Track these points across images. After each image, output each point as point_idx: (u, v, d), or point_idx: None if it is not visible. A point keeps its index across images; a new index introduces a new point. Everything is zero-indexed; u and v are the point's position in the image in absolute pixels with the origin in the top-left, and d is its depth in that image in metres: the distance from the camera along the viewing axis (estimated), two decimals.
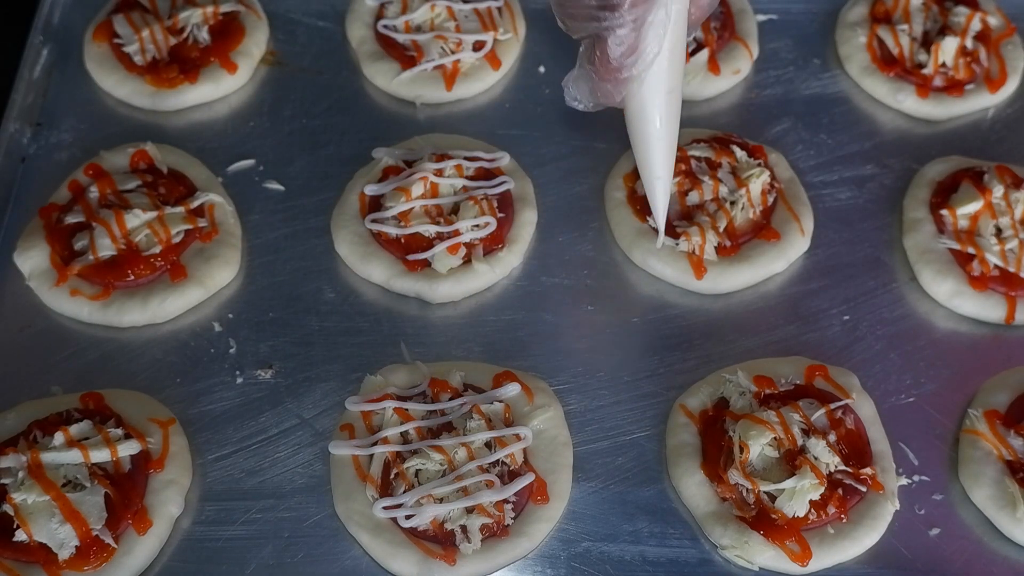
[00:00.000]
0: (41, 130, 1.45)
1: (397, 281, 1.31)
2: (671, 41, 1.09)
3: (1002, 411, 1.22)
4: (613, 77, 1.09)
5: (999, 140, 1.49)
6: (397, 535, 1.12)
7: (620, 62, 1.07)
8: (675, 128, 1.18)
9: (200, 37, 1.48)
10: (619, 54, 1.06)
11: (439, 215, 1.33)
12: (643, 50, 1.07)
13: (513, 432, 1.16)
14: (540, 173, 1.42)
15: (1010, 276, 1.31)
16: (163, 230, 1.29)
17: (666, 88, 1.13)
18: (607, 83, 1.10)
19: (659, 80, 1.12)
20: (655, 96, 1.13)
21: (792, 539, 1.12)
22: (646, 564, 1.14)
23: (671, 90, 1.14)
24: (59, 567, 1.07)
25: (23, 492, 1.07)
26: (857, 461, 1.16)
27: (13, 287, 1.30)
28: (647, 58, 1.08)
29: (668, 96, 1.14)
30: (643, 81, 1.11)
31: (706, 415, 1.21)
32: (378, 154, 1.39)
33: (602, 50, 1.07)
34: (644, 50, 1.07)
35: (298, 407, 1.23)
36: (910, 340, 1.30)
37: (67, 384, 1.23)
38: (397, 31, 1.50)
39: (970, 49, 1.51)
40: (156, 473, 1.15)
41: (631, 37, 1.05)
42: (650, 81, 1.12)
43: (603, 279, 1.34)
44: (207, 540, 1.14)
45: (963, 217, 1.35)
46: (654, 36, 1.06)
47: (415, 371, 1.23)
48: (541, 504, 1.14)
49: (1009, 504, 1.15)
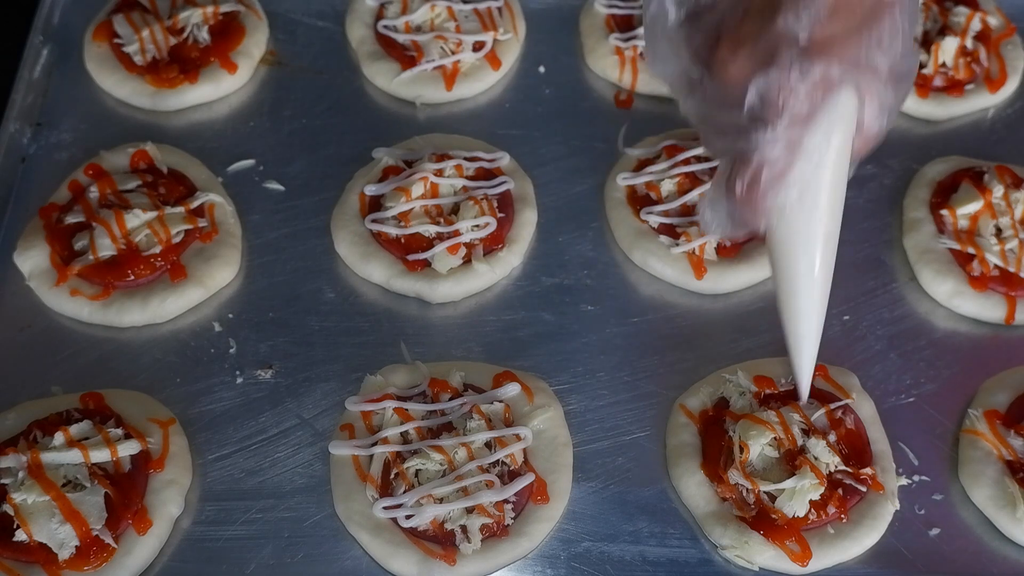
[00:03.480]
0: (41, 130, 1.45)
1: (397, 281, 1.31)
2: (831, 175, 0.94)
3: (1002, 411, 1.22)
4: (755, 202, 0.92)
5: (999, 140, 1.49)
6: (397, 535, 1.12)
7: (766, 186, 0.90)
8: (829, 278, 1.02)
9: (200, 37, 1.48)
10: (766, 177, 0.90)
11: (439, 215, 1.33)
12: (793, 176, 0.91)
13: (513, 432, 1.16)
14: (540, 173, 1.42)
15: (1010, 276, 1.31)
16: (163, 230, 1.29)
17: (823, 230, 0.97)
18: (747, 208, 0.93)
19: (812, 219, 0.96)
20: (806, 237, 0.97)
21: (792, 539, 1.12)
22: (646, 564, 1.14)
23: (828, 234, 0.98)
24: (59, 567, 1.07)
25: (23, 492, 1.07)
26: (857, 461, 1.16)
27: (13, 287, 1.30)
28: (797, 185, 0.92)
29: (824, 240, 0.98)
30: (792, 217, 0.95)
31: (706, 415, 1.21)
32: (378, 154, 1.39)
33: (746, 170, 0.91)
34: (794, 176, 0.91)
35: (298, 407, 1.23)
36: (910, 340, 1.30)
37: (67, 384, 1.23)
38: (397, 31, 1.50)
39: (970, 49, 1.51)
40: (156, 473, 1.15)
41: (782, 160, 0.89)
42: (802, 218, 0.96)
43: (603, 279, 1.34)
44: (207, 540, 1.14)
45: (963, 217, 1.35)
46: (807, 162, 0.90)
47: (415, 371, 1.23)
48: (541, 504, 1.14)
49: (1009, 504, 1.15)
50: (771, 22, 0.83)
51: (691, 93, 0.93)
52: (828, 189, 0.95)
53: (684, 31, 0.89)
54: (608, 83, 1.52)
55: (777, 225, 0.97)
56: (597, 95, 1.51)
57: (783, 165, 0.90)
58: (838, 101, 0.89)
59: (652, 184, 1.36)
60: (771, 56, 0.84)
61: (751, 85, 0.86)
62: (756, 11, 0.85)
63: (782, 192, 0.91)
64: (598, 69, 1.52)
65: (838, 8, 0.83)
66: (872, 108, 0.91)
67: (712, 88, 0.89)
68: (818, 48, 0.84)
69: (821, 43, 0.84)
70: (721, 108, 0.89)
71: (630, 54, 1.49)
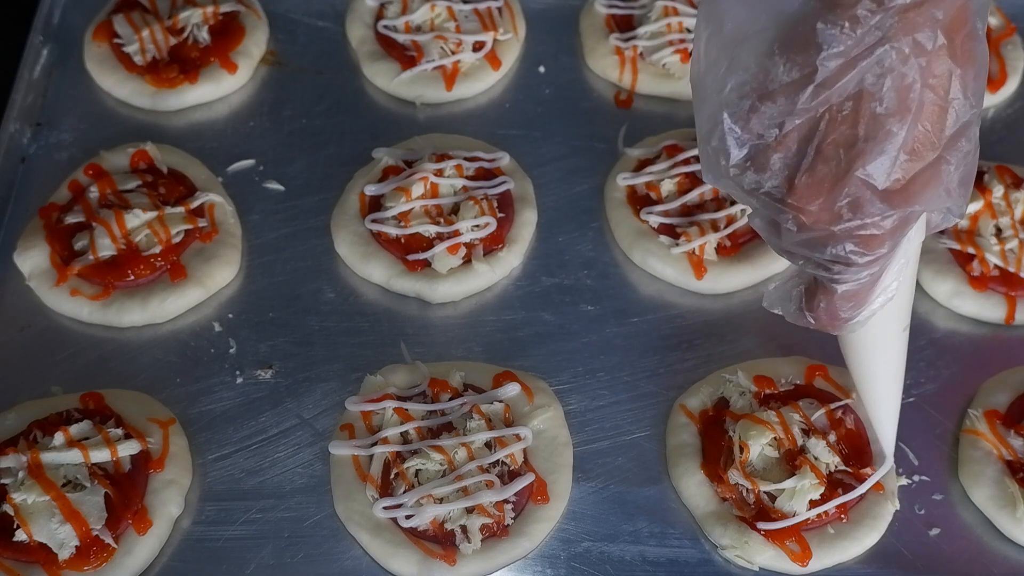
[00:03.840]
0: (41, 130, 1.45)
1: (397, 281, 1.31)
2: (908, 280, 0.94)
3: (1002, 411, 1.22)
4: (835, 322, 0.93)
5: (999, 140, 1.49)
6: (397, 535, 1.12)
7: (848, 312, 0.91)
8: (903, 364, 1.05)
9: (200, 37, 1.48)
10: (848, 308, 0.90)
11: (439, 215, 1.33)
12: (873, 300, 0.90)
13: (513, 432, 1.16)
14: (540, 173, 1.42)
15: (1010, 276, 1.31)
16: (163, 230, 1.29)
17: (897, 329, 0.99)
18: (826, 324, 0.93)
19: (887, 325, 0.97)
20: (883, 340, 0.99)
21: (792, 539, 1.12)
22: (646, 564, 1.14)
23: (903, 328, 1.00)
24: (59, 567, 1.07)
25: (23, 492, 1.07)
26: (857, 461, 1.16)
27: (13, 287, 1.30)
28: (876, 308, 0.91)
29: (898, 336, 1.00)
30: (869, 326, 0.95)
31: (706, 415, 1.21)
32: (378, 154, 1.39)
33: (827, 298, 0.90)
34: (874, 300, 0.90)
35: (298, 407, 1.23)
36: (910, 340, 1.30)
37: (67, 384, 1.23)
38: (397, 31, 1.50)
39: None
40: (156, 473, 1.15)
41: (864, 290, 0.89)
42: (878, 326, 0.96)
43: (603, 279, 1.34)
44: (207, 540, 1.14)
45: (963, 217, 1.35)
46: (889, 288, 0.90)
47: (415, 371, 1.23)
48: (541, 504, 1.14)
49: (1009, 504, 1.15)
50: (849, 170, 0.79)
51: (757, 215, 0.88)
52: (903, 294, 0.95)
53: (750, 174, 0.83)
54: (608, 83, 1.52)
55: (871, 324, 0.96)
56: (597, 95, 1.51)
57: (864, 295, 0.89)
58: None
59: (652, 184, 1.36)
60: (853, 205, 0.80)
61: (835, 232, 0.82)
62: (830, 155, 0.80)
63: (864, 314, 0.91)
64: (598, 69, 1.52)
65: (916, 148, 0.79)
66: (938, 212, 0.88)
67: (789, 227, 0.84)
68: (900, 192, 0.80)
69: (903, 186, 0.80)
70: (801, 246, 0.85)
71: (630, 54, 1.49)
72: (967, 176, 0.85)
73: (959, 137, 0.82)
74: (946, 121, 0.81)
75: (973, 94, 0.82)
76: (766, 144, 0.82)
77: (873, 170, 0.79)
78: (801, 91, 0.79)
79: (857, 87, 0.78)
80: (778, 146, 0.81)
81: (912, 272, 0.96)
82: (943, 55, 0.79)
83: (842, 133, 0.79)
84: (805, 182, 0.81)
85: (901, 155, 0.79)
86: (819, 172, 0.80)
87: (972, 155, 0.85)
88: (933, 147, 0.81)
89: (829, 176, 0.80)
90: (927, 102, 0.79)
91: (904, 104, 0.78)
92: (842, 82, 0.78)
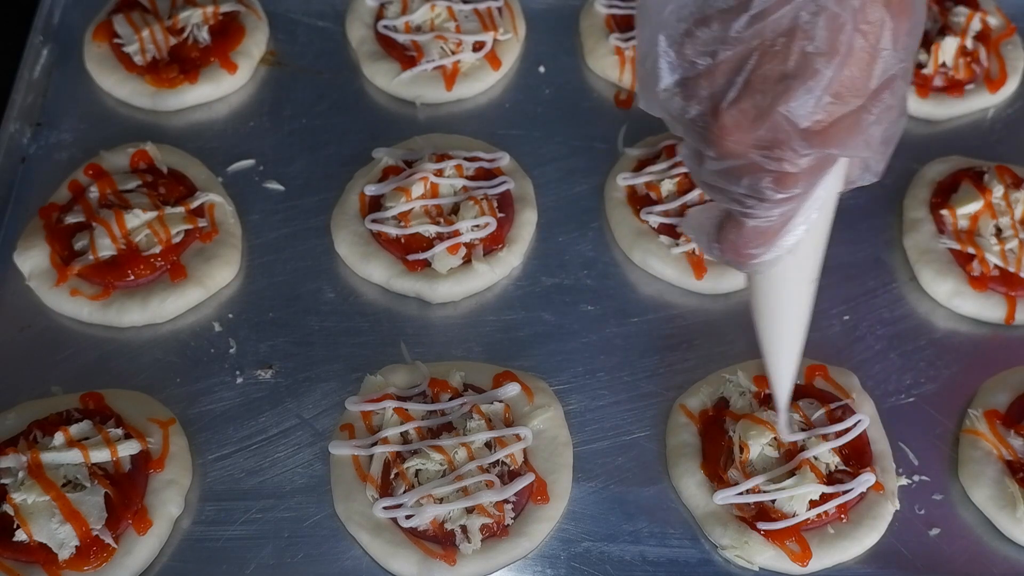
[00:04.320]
0: (41, 130, 1.45)
1: (397, 281, 1.31)
2: (816, 232, 0.94)
3: (1002, 411, 1.22)
4: (743, 258, 0.93)
5: (999, 140, 1.49)
6: (397, 535, 1.12)
7: (756, 250, 0.91)
8: (808, 317, 1.03)
9: (200, 37, 1.48)
10: (757, 242, 0.90)
11: (439, 215, 1.33)
12: (781, 244, 0.91)
13: (513, 432, 1.16)
14: (540, 173, 1.42)
15: (1010, 276, 1.31)
16: (163, 230, 1.29)
17: (806, 278, 0.99)
18: (734, 259, 0.93)
19: (795, 272, 0.97)
20: (789, 286, 0.99)
21: (792, 539, 1.12)
22: (646, 564, 1.14)
23: (810, 280, 0.99)
24: (59, 567, 1.07)
25: (23, 492, 1.07)
26: (857, 461, 1.16)
27: (13, 287, 1.30)
28: (782, 251, 0.91)
29: (806, 286, 1.00)
30: (777, 270, 0.95)
31: (706, 415, 1.21)
32: (378, 154, 1.39)
33: (736, 231, 0.90)
34: (782, 244, 0.91)
35: (298, 407, 1.23)
36: (910, 340, 1.30)
37: (67, 384, 1.23)
38: (397, 31, 1.50)
39: (970, 49, 1.51)
40: (156, 473, 1.15)
41: (774, 229, 0.89)
42: (786, 272, 0.97)
43: (603, 279, 1.34)
44: (207, 540, 1.14)
45: (963, 217, 1.35)
46: (797, 230, 0.90)
47: (415, 371, 1.23)
48: (541, 504, 1.14)
49: (1009, 504, 1.15)
50: (773, 104, 0.80)
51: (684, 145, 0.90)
52: (812, 243, 0.95)
53: (678, 100, 0.84)
54: (608, 83, 1.52)
55: (759, 273, 0.98)
56: (597, 95, 1.51)
57: (773, 234, 0.90)
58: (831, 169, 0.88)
59: (652, 184, 1.36)
60: (772, 139, 0.81)
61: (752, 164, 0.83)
62: (757, 88, 0.80)
63: (771, 254, 0.92)
64: (598, 69, 1.52)
65: (842, 92, 0.80)
66: (856, 166, 0.90)
67: (709, 157, 0.85)
68: (820, 134, 0.81)
69: (824, 128, 0.81)
70: (717, 176, 0.86)
71: (630, 54, 1.49)
72: (890, 136, 0.87)
73: (884, 89, 0.83)
74: (873, 70, 0.81)
75: (904, 48, 0.82)
76: (697, 72, 0.82)
77: (796, 108, 0.80)
78: (736, 19, 0.79)
79: (791, 23, 0.79)
80: (708, 75, 0.82)
81: (825, 225, 0.96)
82: (878, 3, 0.80)
83: (771, 68, 0.80)
84: (729, 113, 0.82)
85: (825, 96, 0.80)
86: (744, 104, 0.81)
87: (896, 113, 0.85)
88: (858, 94, 0.82)
89: (753, 109, 0.81)
90: (857, 47, 0.80)
91: (833, 45, 0.79)
92: (777, 15, 0.79)
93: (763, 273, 0.97)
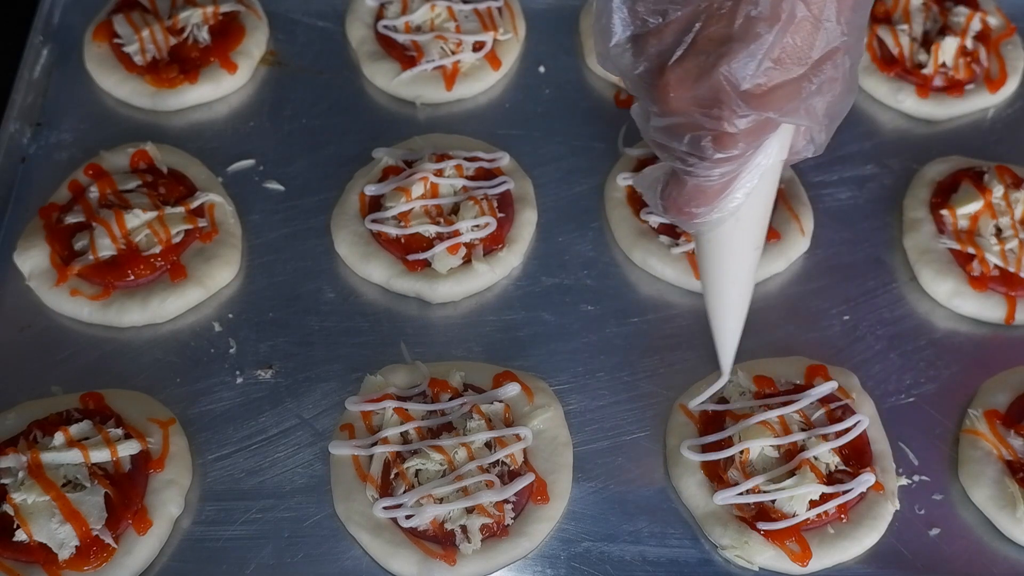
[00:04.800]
0: (41, 130, 1.45)
1: (397, 281, 1.31)
2: (759, 197, 0.95)
3: (1002, 411, 1.22)
4: (684, 216, 0.95)
5: (999, 140, 1.49)
6: (397, 535, 1.12)
7: (697, 210, 0.93)
8: (751, 281, 1.06)
9: (200, 37, 1.48)
10: (697, 202, 0.93)
11: (439, 215, 1.33)
12: (722, 205, 0.93)
13: (513, 432, 1.16)
14: (540, 173, 1.42)
15: (1010, 276, 1.31)
16: (163, 230, 1.29)
17: (749, 242, 1.00)
18: (677, 218, 0.96)
19: (738, 235, 0.99)
20: (731, 249, 1.00)
21: (792, 539, 1.12)
22: (646, 564, 1.14)
23: (754, 245, 1.01)
24: (59, 567, 1.07)
25: (23, 492, 1.08)
26: (857, 461, 1.16)
27: (13, 287, 1.30)
28: (724, 214, 0.94)
29: (749, 249, 1.01)
30: (719, 232, 0.97)
31: (706, 415, 1.21)
32: (378, 154, 1.39)
33: (678, 189, 0.93)
34: (723, 206, 0.93)
35: (298, 407, 1.23)
36: (910, 340, 1.30)
37: (67, 384, 1.23)
38: (397, 31, 1.50)
39: (970, 49, 1.51)
40: (156, 473, 1.15)
41: (715, 190, 0.91)
42: (730, 234, 0.98)
43: (603, 279, 1.34)
44: (207, 540, 1.14)
45: (963, 217, 1.35)
46: (740, 192, 0.92)
47: (415, 371, 1.23)
48: (541, 504, 1.14)
49: (1009, 504, 1.15)
50: (715, 65, 0.82)
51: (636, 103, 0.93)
52: (755, 209, 0.97)
53: (628, 55, 0.87)
54: (608, 83, 1.52)
55: (704, 235, 1.00)
56: (597, 95, 1.51)
57: (714, 195, 0.92)
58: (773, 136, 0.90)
59: None
60: (713, 98, 0.84)
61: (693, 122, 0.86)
62: (702, 48, 0.83)
63: (712, 215, 0.94)
64: (598, 69, 1.52)
65: (783, 59, 0.83)
66: (801, 137, 0.92)
67: (654, 113, 0.88)
68: (759, 97, 0.84)
69: (763, 92, 0.84)
70: (661, 132, 0.89)
71: None
72: (835, 111, 0.89)
73: (827, 60, 0.85)
74: (816, 40, 0.83)
75: (847, 23, 0.84)
76: (647, 29, 0.85)
77: (737, 69, 0.82)
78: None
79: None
80: (657, 33, 0.85)
81: (768, 193, 0.98)
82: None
83: (716, 30, 0.82)
84: (674, 70, 0.84)
85: (766, 61, 0.82)
86: (688, 63, 0.84)
87: (842, 88, 0.87)
88: (799, 63, 0.84)
89: (696, 68, 0.83)
90: (800, 15, 0.82)
91: (776, 11, 0.81)
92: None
93: (707, 235, 0.99)
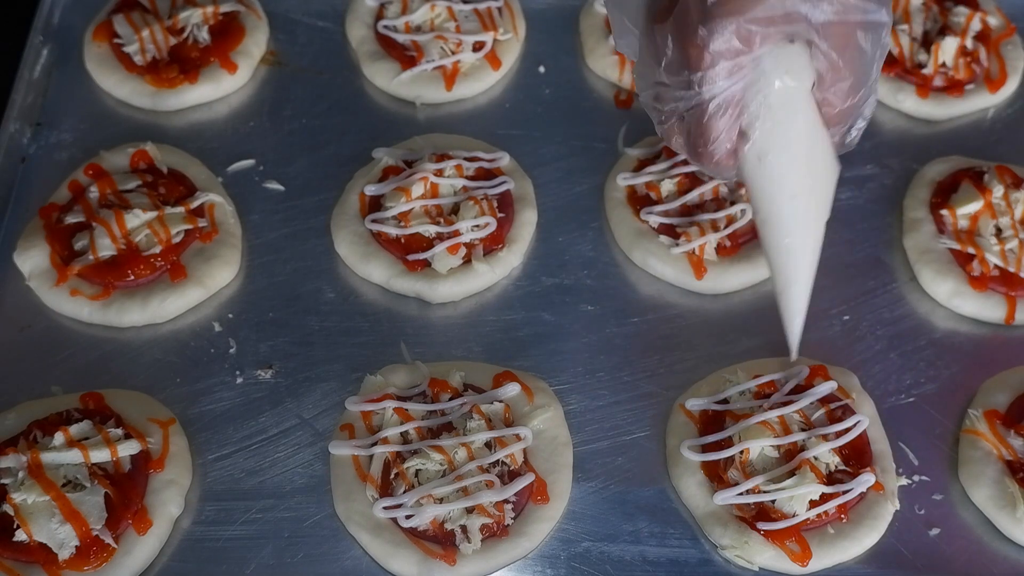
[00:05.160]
0: (41, 130, 1.45)
1: (397, 281, 1.31)
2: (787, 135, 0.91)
3: (1002, 411, 1.22)
4: (702, 160, 0.94)
5: (999, 140, 1.49)
6: (397, 535, 1.12)
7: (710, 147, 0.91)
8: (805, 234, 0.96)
9: (200, 37, 1.48)
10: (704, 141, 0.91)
11: (439, 215, 1.33)
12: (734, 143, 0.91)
13: (513, 432, 1.16)
14: (540, 173, 1.42)
15: (1010, 276, 1.31)
16: (163, 230, 1.29)
17: (789, 191, 0.93)
18: (696, 161, 0.94)
19: (779, 180, 0.92)
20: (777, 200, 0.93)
21: (792, 539, 1.12)
22: (646, 564, 1.14)
23: (794, 195, 0.94)
24: (59, 567, 1.07)
25: (23, 492, 1.08)
26: (857, 461, 1.16)
27: (13, 287, 1.30)
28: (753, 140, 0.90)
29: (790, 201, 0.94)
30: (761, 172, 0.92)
31: (706, 415, 1.21)
32: (378, 154, 1.39)
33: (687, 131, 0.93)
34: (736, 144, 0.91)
35: (298, 407, 1.23)
36: (910, 340, 1.30)
37: (67, 384, 1.23)
38: (397, 31, 1.50)
39: (970, 49, 1.51)
40: (156, 473, 1.15)
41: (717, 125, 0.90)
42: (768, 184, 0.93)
43: (603, 279, 1.34)
44: (207, 540, 1.14)
45: (963, 217, 1.35)
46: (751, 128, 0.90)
47: (415, 371, 1.23)
48: (541, 504, 1.14)
49: (1009, 504, 1.15)
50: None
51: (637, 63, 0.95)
52: (782, 150, 0.92)
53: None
54: (608, 83, 1.52)
55: (746, 186, 0.95)
56: (597, 95, 1.51)
57: (721, 129, 0.90)
58: (778, 54, 0.88)
59: (652, 184, 1.36)
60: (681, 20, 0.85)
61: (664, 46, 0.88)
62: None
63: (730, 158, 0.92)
64: (598, 69, 1.52)
65: None
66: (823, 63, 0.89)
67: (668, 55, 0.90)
68: (719, 7, 0.84)
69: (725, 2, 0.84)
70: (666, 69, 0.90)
71: None
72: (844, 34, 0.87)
73: None
74: None
75: None
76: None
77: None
78: None
79: None
80: None
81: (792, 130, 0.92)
82: None
83: None
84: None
85: None
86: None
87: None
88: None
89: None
90: None
91: None
92: None
93: (746, 184, 0.95)
